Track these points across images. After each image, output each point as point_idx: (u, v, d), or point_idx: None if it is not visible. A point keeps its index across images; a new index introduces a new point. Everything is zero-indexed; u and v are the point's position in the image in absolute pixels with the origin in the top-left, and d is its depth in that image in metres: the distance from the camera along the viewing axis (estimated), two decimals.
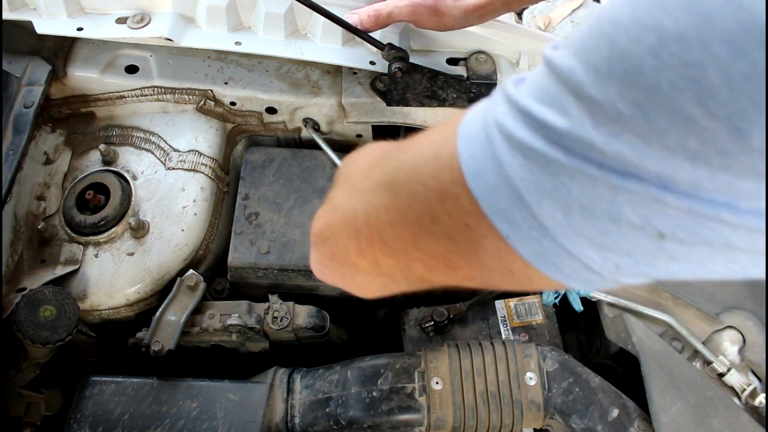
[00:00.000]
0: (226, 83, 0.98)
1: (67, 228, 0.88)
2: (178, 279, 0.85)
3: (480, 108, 0.35)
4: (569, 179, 0.29)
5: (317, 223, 0.50)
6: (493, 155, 0.32)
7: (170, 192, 0.91)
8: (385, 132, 1.06)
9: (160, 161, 0.93)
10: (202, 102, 0.97)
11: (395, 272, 0.44)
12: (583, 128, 0.28)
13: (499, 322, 0.90)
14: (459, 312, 0.90)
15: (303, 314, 0.86)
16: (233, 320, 0.83)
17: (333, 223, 0.47)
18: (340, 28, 0.86)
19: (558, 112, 0.29)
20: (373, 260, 0.44)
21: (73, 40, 0.99)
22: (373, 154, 0.49)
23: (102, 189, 0.89)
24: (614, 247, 0.30)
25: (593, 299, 0.89)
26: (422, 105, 0.94)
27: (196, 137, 0.96)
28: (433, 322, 0.88)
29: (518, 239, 0.32)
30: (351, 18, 0.84)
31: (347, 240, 0.44)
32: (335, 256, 0.48)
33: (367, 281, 0.48)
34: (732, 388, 0.81)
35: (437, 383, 0.77)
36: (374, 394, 0.77)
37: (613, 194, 0.28)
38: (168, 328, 0.82)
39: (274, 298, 0.87)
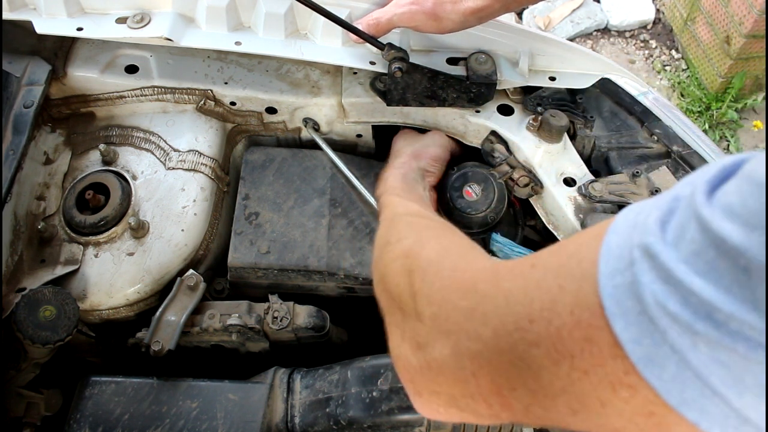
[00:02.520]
0: (226, 83, 0.98)
1: (66, 228, 0.88)
2: (178, 279, 0.85)
3: (618, 267, 0.31)
4: None
5: (404, 366, 0.45)
6: (669, 346, 0.29)
7: (170, 192, 0.91)
8: (385, 132, 1.06)
9: (160, 161, 0.93)
10: (202, 102, 0.97)
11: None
12: None
13: None
14: None
15: (303, 314, 0.86)
16: (233, 320, 0.83)
17: (437, 377, 0.41)
18: (340, 28, 0.86)
19: (746, 304, 0.26)
20: (496, 416, 0.40)
21: (73, 40, 0.99)
22: (453, 257, 0.44)
23: (102, 189, 0.89)
24: None
25: None
26: (422, 105, 0.94)
27: (196, 137, 0.96)
28: None
29: (714, 426, 0.30)
30: None
31: (453, 385, 0.40)
32: (450, 404, 0.43)
33: (491, 422, 0.44)
34: None
35: None
36: (374, 394, 0.77)
37: None
38: (168, 328, 0.82)
39: (274, 298, 0.87)
